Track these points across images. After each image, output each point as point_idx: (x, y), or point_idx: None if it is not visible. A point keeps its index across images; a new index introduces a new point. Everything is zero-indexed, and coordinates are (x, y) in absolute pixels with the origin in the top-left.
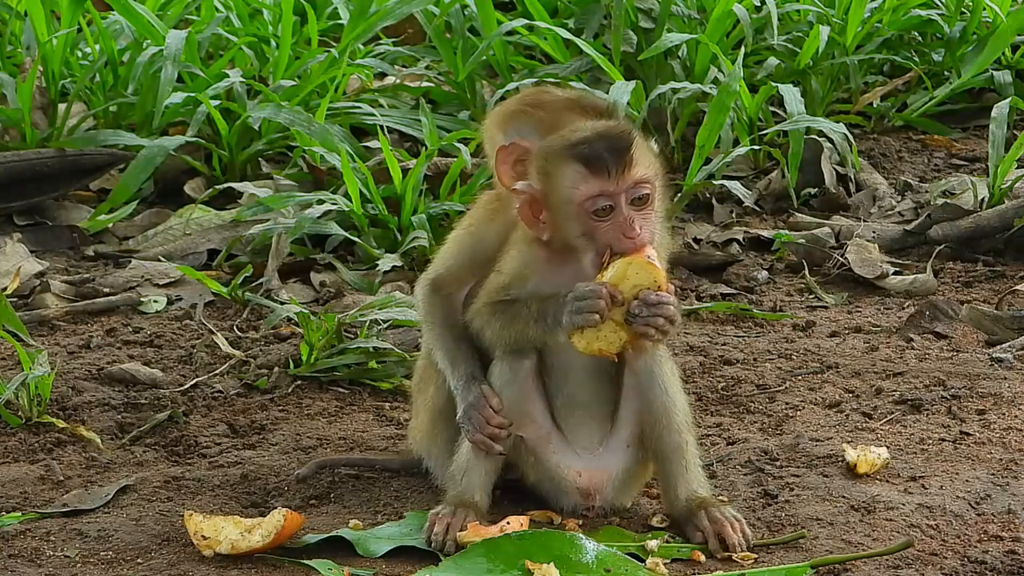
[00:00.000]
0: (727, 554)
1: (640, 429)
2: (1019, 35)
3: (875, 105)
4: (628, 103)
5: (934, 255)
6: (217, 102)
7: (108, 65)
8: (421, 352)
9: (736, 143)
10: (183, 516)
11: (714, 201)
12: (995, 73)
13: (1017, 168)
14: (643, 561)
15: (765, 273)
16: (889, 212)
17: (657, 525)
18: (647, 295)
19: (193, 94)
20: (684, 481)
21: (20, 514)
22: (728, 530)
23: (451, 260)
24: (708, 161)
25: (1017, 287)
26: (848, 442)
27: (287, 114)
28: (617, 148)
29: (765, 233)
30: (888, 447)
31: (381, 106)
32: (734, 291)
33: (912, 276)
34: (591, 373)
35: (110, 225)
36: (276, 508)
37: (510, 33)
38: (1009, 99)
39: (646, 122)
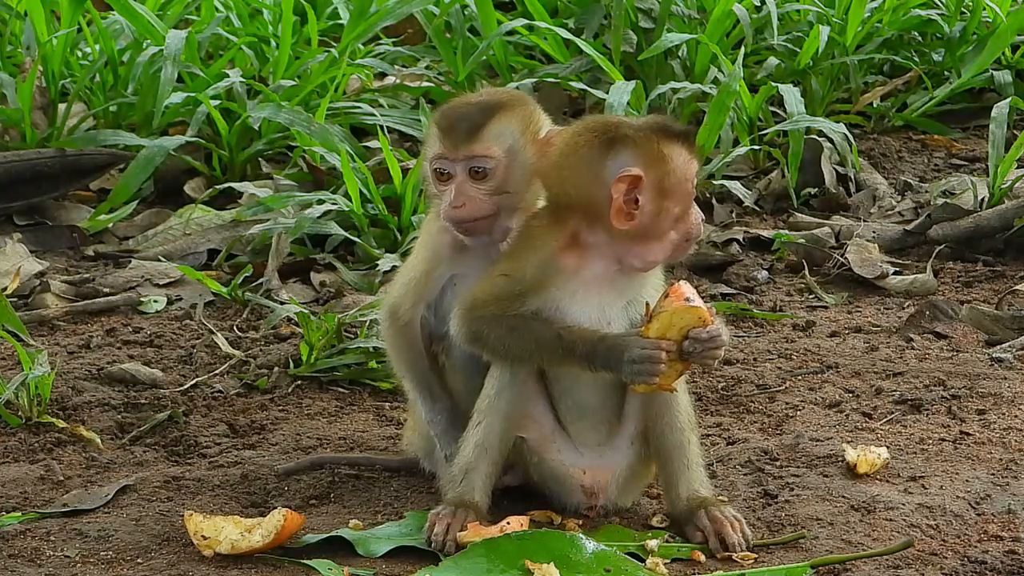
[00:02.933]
0: (727, 554)
1: (644, 426)
2: (1019, 35)
3: (875, 105)
4: (628, 103)
5: (934, 255)
6: (217, 102)
7: (108, 65)
8: None
9: (736, 143)
10: (183, 516)
11: (714, 201)
12: (995, 73)
13: (1017, 168)
14: (643, 561)
15: (765, 273)
16: (889, 212)
17: (657, 525)
18: (697, 333)
19: (193, 94)
20: (686, 480)
21: (20, 514)
22: (728, 530)
23: (402, 287)
24: (708, 161)
25: (1017, 287)
26: (848, 442)
27: (287, 114)
28: None
29: (765, 233)
30: (888, 447)
31: (381, 106)
32: (734, 291)
33: (912, 276)
34: (598, 377)
35: (110, 225)
36: (276, 508)
37: (510, 33)
38: (1009, 99)
39: None
